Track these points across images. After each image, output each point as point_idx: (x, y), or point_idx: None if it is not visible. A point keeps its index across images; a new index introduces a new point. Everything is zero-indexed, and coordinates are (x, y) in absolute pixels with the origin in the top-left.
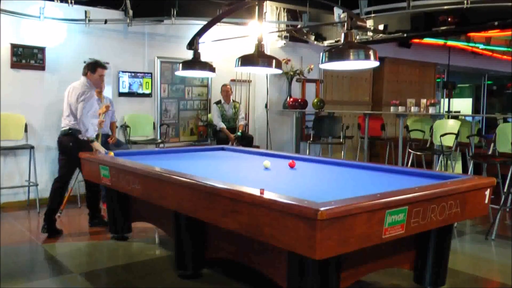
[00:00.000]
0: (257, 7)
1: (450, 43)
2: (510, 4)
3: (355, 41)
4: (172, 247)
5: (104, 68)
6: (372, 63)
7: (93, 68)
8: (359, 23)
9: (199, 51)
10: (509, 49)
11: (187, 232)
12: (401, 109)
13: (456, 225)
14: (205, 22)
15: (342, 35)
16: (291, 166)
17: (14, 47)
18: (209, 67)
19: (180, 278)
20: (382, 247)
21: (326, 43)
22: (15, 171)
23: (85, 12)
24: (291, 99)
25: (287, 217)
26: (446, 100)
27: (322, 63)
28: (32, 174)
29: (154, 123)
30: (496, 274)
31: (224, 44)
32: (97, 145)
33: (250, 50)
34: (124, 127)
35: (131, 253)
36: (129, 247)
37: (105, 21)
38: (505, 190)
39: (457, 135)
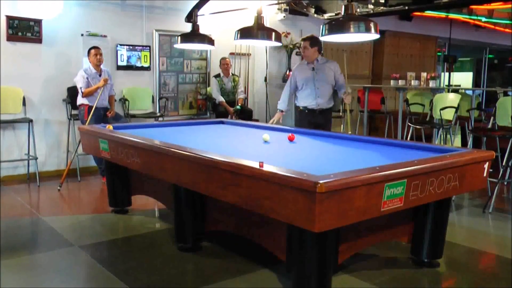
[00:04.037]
0: None
1: (452, 16)
2: None
3: (356, 14)
4: (172, 220)
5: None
6: (373, 36)
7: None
8: None
9: (197, 23)
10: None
11: (187, 205)
12: (401, 82)
13: (454, 199)
14: None
15: (343, 7)
16: (291, 140)
17: (10, 20)
18: (208, 40)
19: (180, 251)
20: (380, 220)
21: (326, 16)
22: (14, 145)
23: None
24: (291, 73)
25: (286, 190)
26: (447, 73)
27: (322, 35)
28: (31, 147)
29: (153, 97)
30: (492, 246)
31: (223, 16)
32: (276, 115)
33: (249, 22)
34: (123, 100)
35: (131, 226)
36: (129, 220)
37: None
38: (503, 163)
39: (457, 108)
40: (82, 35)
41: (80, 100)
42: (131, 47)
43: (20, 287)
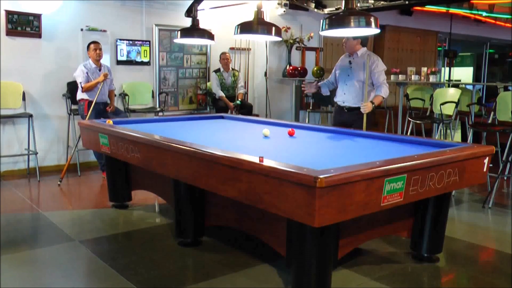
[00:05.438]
0: None
1: (453, 10)
2: None
3: (356, 8)
4: (172, 215)
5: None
6: (373, 30)
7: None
8: None
9: (197, 18)
10: None
11: (187, 200)
12: (401, 77)
13: (454, 193)
14: None
15: (343, 2)
16: (291, 134)
17: (9, 14)
18: (208, 34)
19: (180, 246)
20: (380, 215)
21: (326, 11)
22: (14, 140)
23: None
24: (291, 68)
25: (286, 185)
26: (447, 68)
27: (322, 30)
28: (31, 142)
29: (152, 92)
30: (492, 241)
31: (223, 11)
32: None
33: (250, 17)
34: (123, 95)
35: (131, 221)
36: (130, 215)
37: None
38: (503, 158)
39: (457, 103)
40: (81, 29)
41: (80, 95)
42: (131, 42)
43: (21, 282)
